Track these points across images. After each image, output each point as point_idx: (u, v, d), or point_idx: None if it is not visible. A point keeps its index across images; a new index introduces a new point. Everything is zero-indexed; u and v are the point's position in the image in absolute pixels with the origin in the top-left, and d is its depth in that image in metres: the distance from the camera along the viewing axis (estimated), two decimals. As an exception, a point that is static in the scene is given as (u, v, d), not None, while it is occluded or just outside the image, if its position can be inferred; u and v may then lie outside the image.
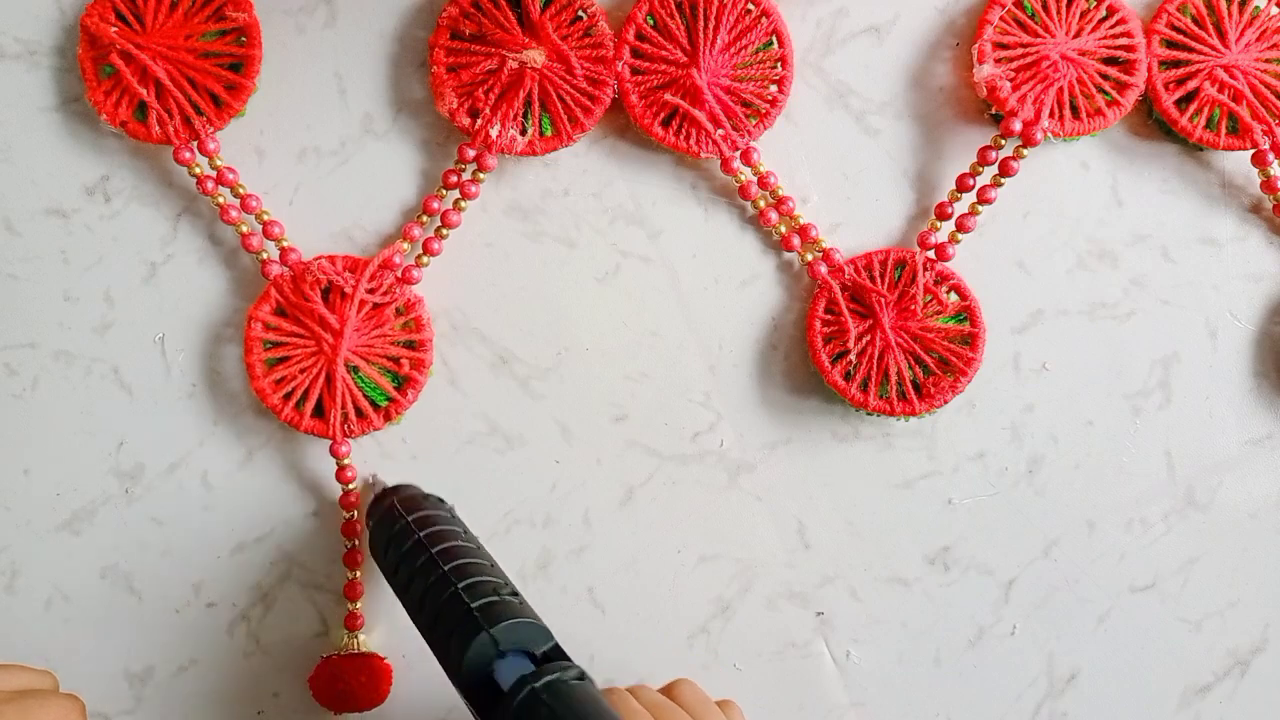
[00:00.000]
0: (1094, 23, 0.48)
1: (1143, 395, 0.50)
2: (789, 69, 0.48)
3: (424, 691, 0.50)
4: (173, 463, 0.50)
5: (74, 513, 0.50)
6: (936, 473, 0.50)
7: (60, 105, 0.50)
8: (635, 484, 0.50)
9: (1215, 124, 0.48)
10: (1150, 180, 0.50)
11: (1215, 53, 0.48)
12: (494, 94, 0.48)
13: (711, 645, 0.50)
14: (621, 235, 0.50)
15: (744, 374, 0.50)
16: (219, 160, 0.49)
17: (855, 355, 0.48)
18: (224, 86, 0.48)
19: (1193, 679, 0.50)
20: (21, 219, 0.50)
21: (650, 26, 0.48)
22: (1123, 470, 0.50)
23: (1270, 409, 0.50)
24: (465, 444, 0.50)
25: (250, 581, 0.50)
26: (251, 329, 0.48)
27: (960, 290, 0.48)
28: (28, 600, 0.50)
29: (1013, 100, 0.47)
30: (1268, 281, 0.50)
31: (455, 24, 0.48)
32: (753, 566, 0.50)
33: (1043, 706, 0.50)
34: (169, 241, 0.50)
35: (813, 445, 0.50)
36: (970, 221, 0.48)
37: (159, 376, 0.50)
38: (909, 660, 0.50)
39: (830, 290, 0.48)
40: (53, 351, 0.50)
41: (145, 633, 0.50)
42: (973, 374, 0.48)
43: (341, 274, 0.48)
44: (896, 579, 0.50)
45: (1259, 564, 0.50)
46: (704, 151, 0.48)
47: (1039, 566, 0.50)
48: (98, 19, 0.48)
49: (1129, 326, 0.50)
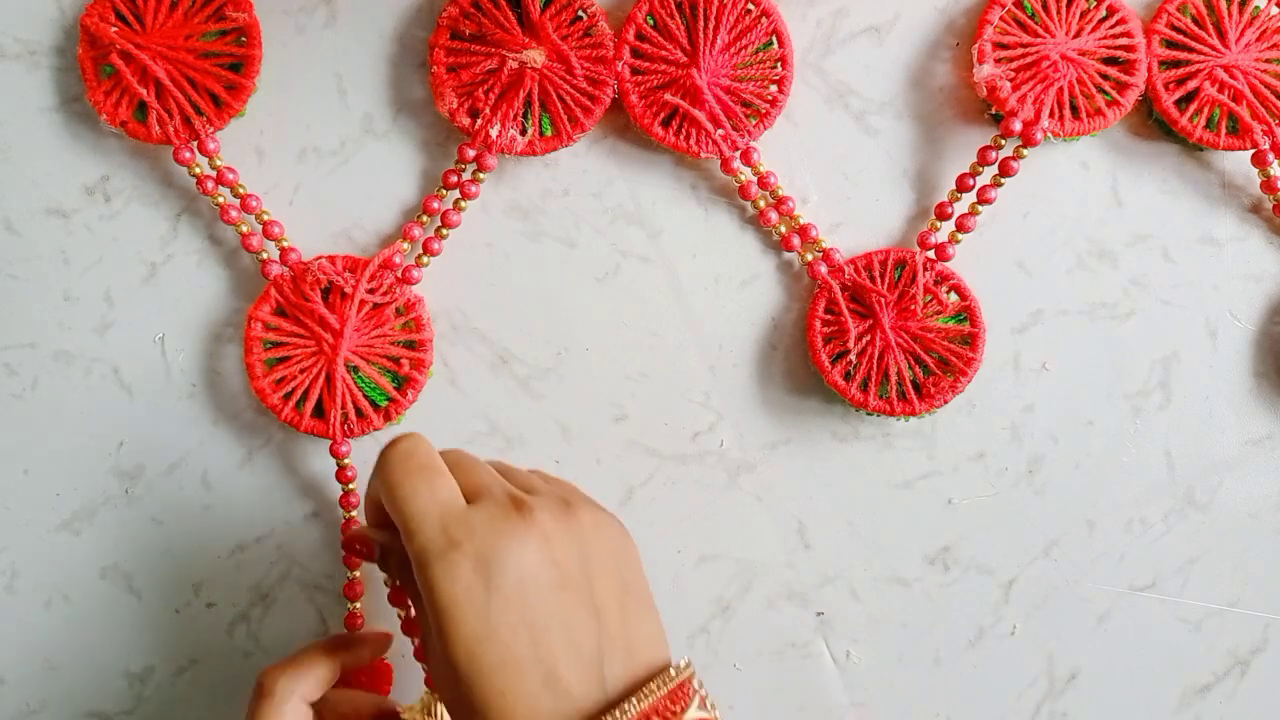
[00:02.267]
0: (1094, 23, 0.48)
1: (1143, 395, 0.50)
2: (789, 69, 0.48)
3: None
4: (173, 463, 0.50)
5: (74, 513, 0.50)
6: (936, 473, 0.50)
7: (60, 105, 0.50)
8: (635, 484, 0.50)
9: (1215, 124, 0.48)
10: (1150, 180, 0.50)
11: (1215, 53, 0.48)
12: (494, 94, 0.48)
13: (711, 645, 0.50)
14: (621, 235, 0.50)
15: (744, 374, 0.50)
16: (219, 160, 0.49)
17: (855, 355, 0.48)
18: (224, 86, 0.48)
19: (1193, 679, 0.50)
20: (21, 219, 0.50)
21: (650, 26, 0.48)
22: (1123, 470, 0.50)
23: (1270, 409, 0.50)
24: (465, 444, 0.50)
25: (250, 581, 0.50)
26: (251, 329, 0.48)
27: (960, 290, 0.48)
28: (28, 600, 0.50)
29: (1013, 100, 0.47)
30: (1268, 281, 0.50)
31: (455, 24, 0.48)
32: (753, 566, 0.50)
33: (1043, 706, 0.50)
34: (169, 241, 0.50)
35: (813, 445, 0.50)
36: (970, 221, 0.48)
37: (159, 376, 0.50)
38: (909, 660, 0.50)
39: (830, 290, 0.48)
40: (53, 351, 0.50)
41: (145, 633, 0.50)
42: (973, 374, 0.48)
43: (341, 274, 0.48)
44: (896, 579, 0.50)
45: (1259, 564, 0.50)
46: (704, 151, 0.48)
47: (1039, 566, 0.50)
48: (98, 19, 0.48)
49: (1129, 326, 0.50)
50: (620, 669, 0.36)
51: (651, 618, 0.38)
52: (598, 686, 0.35)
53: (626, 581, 0.38)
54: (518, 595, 0.35)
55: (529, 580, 0.35)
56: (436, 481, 0.37)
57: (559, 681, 0.35)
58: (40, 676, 0.50)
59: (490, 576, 0.35)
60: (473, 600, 0.35)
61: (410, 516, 0.36)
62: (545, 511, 0.36)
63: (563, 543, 0.36)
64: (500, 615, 0.35)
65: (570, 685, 0.35)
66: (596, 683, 0.35)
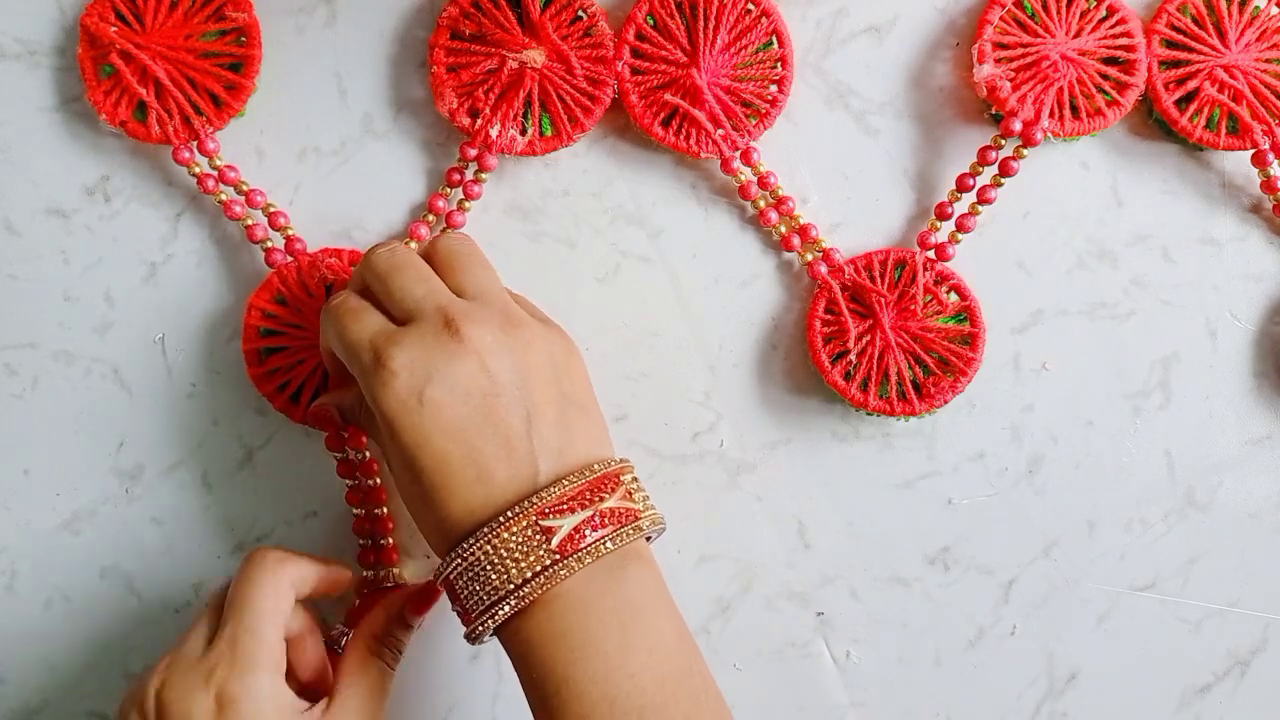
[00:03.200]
0: (1094, 23, 0.48)
1: (1143, 395, 0.50)
2: (789, 69, 0.48)
3: (426, 687, 0.50)
4: (173, 463, 0.50)
5: (74, 513, 0.50)
6: (936, 473, 0.50)
7: (60, 105, 0.50)
8: (635, 484, 0.50)
9: (1215, 124, 0.48)
10: (1150, 180, 0.50)
11: (1215, 53, 0.48)
12: (494, 94, 0.48)
13: (711, 645, 0.50)
14: (621, 235, 0.50)
15: (744, 374, 0.50)
16: (218, 160, 0.49)
17: (855, 355, 0.48)
18: (224, 86, 0.48)
19: (1193, 679, 0.50)
20: (21, 219, 0.50)
21: (650, 26, 0.48)
22: (1123, 470, 0.50)
23: (1270, 409, 0.50)
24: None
25: (250, 581, 0.50)
26: (250, 316, 0.48)
27: (960, 290, 0.48)
28: (28, 600, 0.50)
29: (1013, 100, 0.47)
30: (1268, 281, 0.50)
31: (455, 24, 0.48)
32: (753, 566, 0.50)
33: (1043, 707, 0.50)
34: (169, 241, 0.50)
35: (813, 445, 0.50)
36: (970, 221, 0.48)
37: (159, 376, 0.50)
38: (909, 660, 0.50)
39: (830, 290, 0.48)
40: (53, 351, 0.50)
41: (145, 633, 0.50)
42: (973, 374, 0.48)
43: (349, 270, 0.48)
44: (896, 579, 0.50)
45: (1259, 564, 0.50)
46: (704, 151, 0.48)
47: (1039, 566, 0.50)
48: (98, 19, 0.48)
49: (1129, 326, 0.50)
50: (551, 466, 0.40)
51: (589, 423, 0.42)
52: (528, 481, 0.39)
53: (567, 390, 0.42)
54: (449, 405, 0.39)
55: (460, 391, 0.39)
56: (364, 316, 0.41)
57: (490, 477, 0.39)
58: (40, 676, 0.50)
59: (422, 390, 0.39)
60: (408, 411, 0.39)
61: (348, 347, 0.41)
62: (476, 326, 0.40)
63: (496, 355, 0.40)
64: (433, 423, 0.39)
65: (501, 480, 0.39)
66: (527, 478, 0.39)
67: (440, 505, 0.39)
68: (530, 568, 0.38)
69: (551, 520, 0.38)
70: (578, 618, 0.38)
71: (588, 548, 0.38)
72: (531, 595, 0.38)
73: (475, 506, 0.39)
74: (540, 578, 0.38)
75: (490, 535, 0.38)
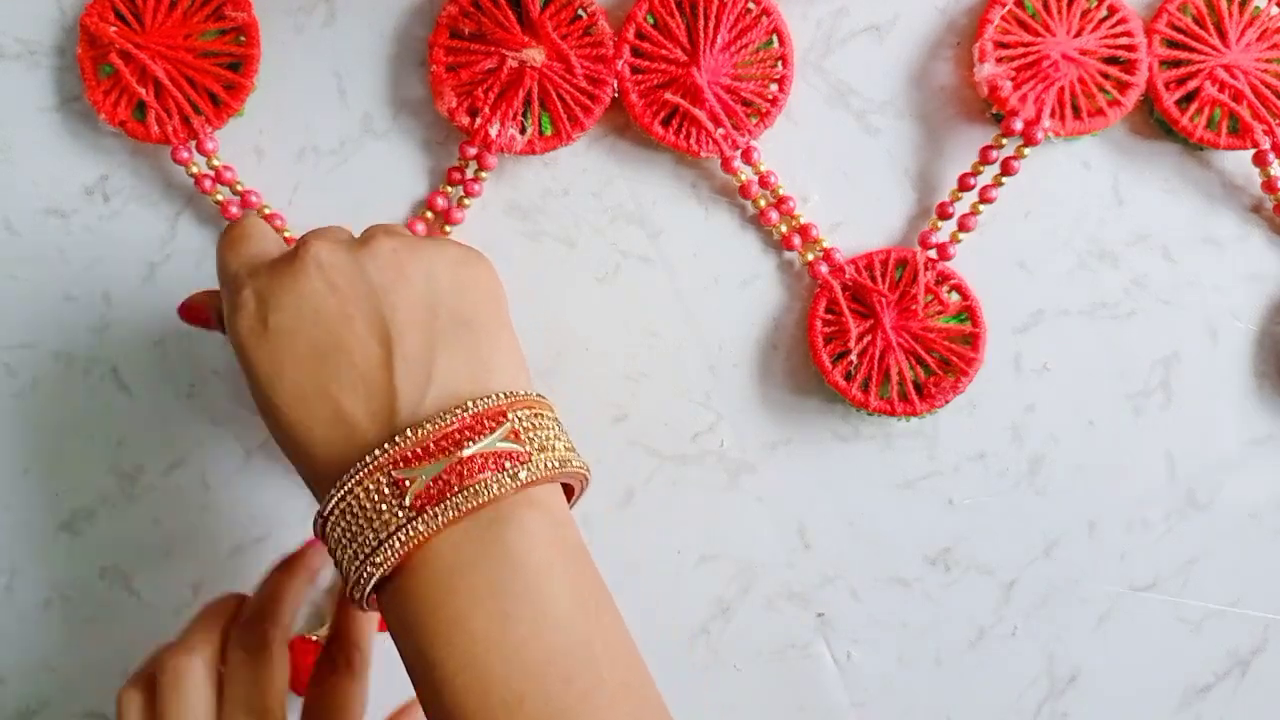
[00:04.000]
0: (1095, 22, 0.48)
1: (1143, 395, 0.50)
2: (789, 68, 0.48)
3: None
4: (172, 463, 0.50)
5: (74, 513, 0.50)
6: (937, 473, 0.50)
7: (60, 105, 0.50)
8: (635, 484, 0.50)
9: (1216, 124, 0.48)
10: (1151, 180, 0.50)
11: (1216, 52, 0.48)
12: (493, 93, 0.48)
13: (711, 645, 0.50)
14: (621, 235, 0.50)
15: (744, 374, 0.50)
16: (217, 160, 0.49)
17: (856, 355, 0.48)
18: (223, 86, 0.48)
19: (1193, 679, 0.50)
20: (21, 219, 0.50)
21: (650, 25, 0.48)
22: (1123, 470, 0.50)
23: (1271, 409, 0.50)
24: (465, 444, 0.50)
25: (250, 582, 0.50)
26: None
27: (961, 290, 0.48)
28: (28, 600, 0.50)
29: (1014, 100, 0.47)
30: (1269, 281, 0.50)
31: (455, 23, 0.48)
32: (753, 567, 0.50)
33: (1043, 707, 0.50)
34: (168, 241, 0.50)
35: (813, 445, 0.50)
36: (971, 221, 0.48)
37: (159, 376, 0.50)
38: (909, 661, 0.50)
39: (831, 290, 0.48)
40: (52, 351, 0.50)
41: (145, 633, 0.50)
42: (974, 374, 0.48)
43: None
44: (897, 579, 0.50)
45: (1259, 564, 0.50)
46: (704, 151, 0.48)
47: (1039, 566, 0.50)
48: (97, 19, 0.48)
49: (1130, 326, 0.50)
50: (415, 399, 0.34)
51: (480, 349, 0.36)
52: (385, 419, 0.34)
53: (453, 310, 0.36)
54: (298, 331, 0.34)
55: (306, 312, 0.35)
56: (240, 246, 0.38)
57: (348, 415, 0.34)
58: (40, 676, 0.50)
59: (267, 315, 0.35)
60: (258, 339, 0.35)
61: (218, 275, 0.38)
62: (322, 242, 0.36)
63: (344, 273, 0.35)
64: (284, 351, 0.34)
65: (361, 419, 0.34)
66: (385, 414, 0.34)
67: (305, 449, 0.34)
68: (384, 527, 0.32)
69: (406, 470, 0.32)
70: (445, 587, 0.32)
71: (450, 502, 0.32)
72: (388, 562, 0.32)
73: (337, 451, 0.34)
74: (394, 539, 0.32)
75: (345, 489, 0.33)
